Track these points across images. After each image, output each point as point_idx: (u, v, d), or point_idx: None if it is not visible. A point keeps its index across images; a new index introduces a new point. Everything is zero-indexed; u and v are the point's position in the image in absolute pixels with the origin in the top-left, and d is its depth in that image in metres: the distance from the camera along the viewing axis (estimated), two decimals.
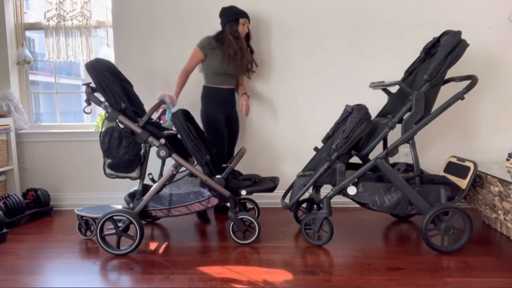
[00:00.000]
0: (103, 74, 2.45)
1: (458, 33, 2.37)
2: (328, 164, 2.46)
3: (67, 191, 3.65)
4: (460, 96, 2.38)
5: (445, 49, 2.33)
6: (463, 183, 2.45)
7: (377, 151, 2.50)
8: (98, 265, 2.30)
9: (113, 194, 3.53)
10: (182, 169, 2.58)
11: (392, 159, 2.67)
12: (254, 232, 2.57)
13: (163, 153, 2.50)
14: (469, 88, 2.37)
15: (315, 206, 2.82)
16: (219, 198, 2.53)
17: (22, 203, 3.16)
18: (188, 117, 2.64)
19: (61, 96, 3.86)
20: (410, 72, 2.72)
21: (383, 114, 2.77)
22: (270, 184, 2.63)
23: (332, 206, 2.51)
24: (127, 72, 2.83)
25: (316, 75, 3.36)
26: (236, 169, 2.83)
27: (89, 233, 2.77)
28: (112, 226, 2.47)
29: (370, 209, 2.46)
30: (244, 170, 3.15)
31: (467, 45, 2.34)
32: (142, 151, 2.56)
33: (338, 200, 3.19)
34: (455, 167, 2.63)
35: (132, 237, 2.44)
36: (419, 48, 2.73)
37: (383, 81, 2.75)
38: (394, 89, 2.80)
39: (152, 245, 2.60)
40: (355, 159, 2.68)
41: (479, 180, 2.65)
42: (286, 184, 2.97)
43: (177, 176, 2.72)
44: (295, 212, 2.94)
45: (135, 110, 2.59)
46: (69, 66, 4.36)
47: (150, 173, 2.78)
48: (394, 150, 2.45)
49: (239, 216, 2.57)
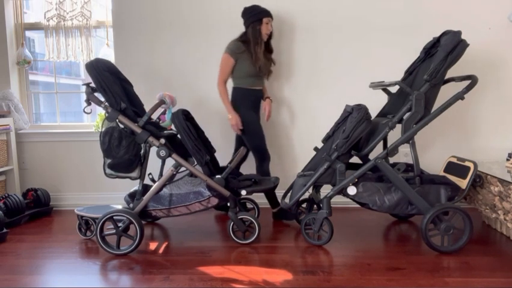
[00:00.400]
0: (103, 74, 2.45)
1: (458, 33, 2.37)
2: (328, 164, 2.46)
3: (67, 191, 3.65)
4: (460, 96, 2.38)
5: (445, 49, 2.33)
6: (463, 183, 2.45)
7: (377, 151, 2.50)
8: (98, 265, 2.30)
9: (113, 194, 3.53)
10: (183, 169, 2.58)
11: (392, 159, 2.67)
12: (254, 232, 2.57)
13: (163, 153, 2.50)
14: (469, 88, 2.37)
15: (315, 206, 2.82)
16: (219, 198, 2.53)
17: (22, 203, 3.16)
18: (188, 117, 2.64)
19: (61, 96, 3.86)
20: (410, 72, 2.72)
21: (383, 114, 2.77)
22: (270, 184, 2.64)
23: (332, 206, 2.51)
24: (127, 72, 2.83)
25: (319, 75, 3.36)
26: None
27: (89, 233, 2.77)
28: (112, 226, 2.47)
29: (370, 209, 2.46)
30: (244, 170, 3.15)
31: (467, 45, 2.34)
32: (142, 151, 2.56)
33: (338, 200, 3.19)
34: (455, 167, 2.62)
35: (132, 237, 2.44)
36: (419, 48, 2.73)
37: (383, 81, 2.75)
38: (394, 89, 2.80)
39: (152, 245, 2.60)
40: (355, 159, 2.68)
41: (479, 180, 2.65)
42: (286, 184, 2.97)
43: (177, 176, 2.72)
44: (295, 212, 2.94)
45: (135, 110, 2.59)
46: (69, 66, 4.36)
47: (150, 173, 2.78)
48: (394, 150, 2.45)
49: (239, 216, 2.57)
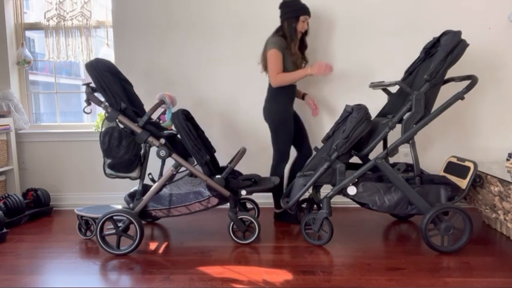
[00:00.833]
0: (103, 74, 2.45)
1: (458, 33, 2.37)
2: (328, 164, 2.46)
3: (67, 191, 3.65)
4: (460, 96, 2.38)
5: (445, 49, 2.33)
6: (463, 183, 2.45)
7: (377, 151, 2.50)
8: (98, 265, 2.30)
9: (113, 194, 3.53)
10: (183, 169, 2.58)
11: (392, 159, 2.67)
12: (254, 232, 2.57)
13: (163, 153, 2.50)
14: (468, 88, 2.37)
15: (315, 206, 2.82)
16: (219, 198, 2.53)
17: (22, 203, 3.16)
18: (188, 117, 2.64)
19: (61, 96, 3.86)
20: (410, 72, 2.72)
21: (383, 114, 2.77)
22: (270, 184, 2.63)
23: (332, 206, 2.51)
24: (127, 72, 2.83)
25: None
26: (236, 169, 2.83)
27: (89, 233, 2.77)
28: (112, 226, 2.47)
29: (370, 209, 2.46)
30: (244, 170, 3.14)
31: (467, 45, 2.34)
32: (142, 151, 2.56)
33: (338, 200, 3.19)
34: (455, 167, 2.62)
35: (132, 237, 2.44)
36: (419, 48, 2.73)
37: (383, 81, 2.75)
38: (394, 89, 2.80)
39: (152, 245, 2.60)
40: (355, 159, 2.68)
41: (479, 180, 2.65)
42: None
43: (177, 176, 2.72)
44: (296, 212, 2.94)
45: (135, 110, 2.59)
46: (69, 66, 4.36)
47: (150, 173, 2.78)
48: (394, 150, 2.45)
49: (239, 216, 2.57)
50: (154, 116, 2.82)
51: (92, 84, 2.49)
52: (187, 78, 3.45)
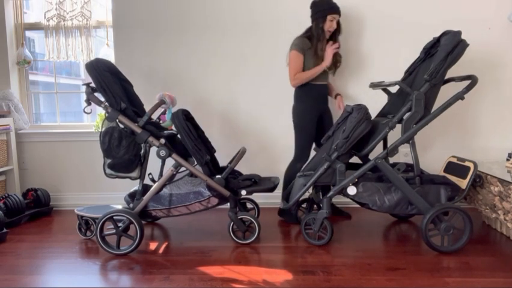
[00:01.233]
0: (103, 74, 2.45)
1: (458, 33, 2.37)
2: (328, 164, 2.46)
3: (67, 191, 3.65)
4: (460, 96, 2.38)
5: (445, 49, 2.33)
6: (463, 183, 2.45)
7: (377, 151, 2.50)
8: (98, 265, 2.30)
9: (113, 194, 3.53)
10: (183, 169, 2.58)
11: (392, 159, 2.67)
12: (254, 232, 2.57)
13: (163, 153, 2.50)
14: (468, 88, 2.37)
15: (315, 206, 2.82)
16: (219, 198, 2.53)
17: (22, 203, 3.16)
18: (188, 117, 2.64)
19: (61, 96, 3.86)
20: (410, 72, 2.72)
21: (383, 114, 2.77)
22: (270, 184, 2.63)
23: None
24: (127, 72, 2.83)
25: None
26: (236, 169, 2.83)
27: (89, 233, 2.77)
28: (112, 226, 2.47)
29: (370, 209, 2.46)
30: (244, 170, 3.15)
31: (467, 45, 2.34)
32: (142, 151, 2.56)
33: (338, 200, 3.19)
34: (455, 167, 2.62)
35: (132, 237, 2.44)
36: (419, 48, 2.73)
37: (383, 81, 2.75)
38: (394, 89, 2.80)
39: (152, 245, 2.60)
40: (355, 159, 2.68)
41: (479, 180, 2.65)
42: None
43: (177, 176, 2.72)
44: (295, 212, 2.94)
45: (135, 110, 2.59)
46: (69, 66, 4.36)
47: (150, 173, 2.78)
48: (394, 150, 2.45)
49: (239, 216, 2.57)
50: (154, 116, 2.82)
51: (92, 84, 2.49)
52: (187, 78, 3.46)
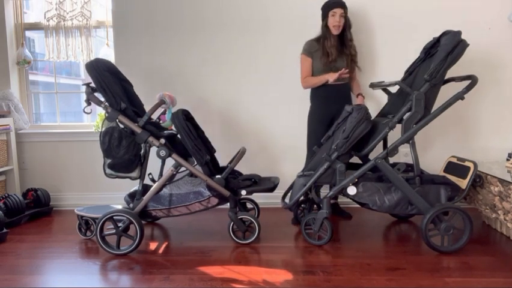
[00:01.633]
0: (103, 74, 2.45)
1: (458, 33, 2.37)
2: (328, 164, 2.46)
3: (67, 191, 3.65)
4: (460, 96, 2.38)
5: (445, 49, 2.33)
6: (463, 183, 2.45)
7: (377, 151, 2.50)
8: (98, 265, 2.30)
9: (113, 194, 3.53)
10: (183, 169, 2.58)
11: (392, 159, 2.67)
12: (254, 232, 2.57)
13: (163, 153, 2.50)
14: (468, 88, 2.37)
15: (315, 206, 2.82)
16: (219, 198, 2.53)
17: (22, 203, 3.16)
18: (188, 117, 2.64)
19: (61, 96, 3.86)
20: (410, 72, 2.72)
21: (383, 114, 2.77)
22: (270, 184, 2.63)
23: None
24: (127, 72, 2.83)
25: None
26: (236, 169, 2.83)
27: (89, 233, 2.77)
28: (112, 226, 2.47)
29: (370, 209, 2.46)
30: (244, 170, 3.14)
31: (467, 45, 2.34)
32: (142, 151, 2.56)
33: (338, 200, 3.19)
34: (455, 167, 2.62)
35: (132, 237, 2.44)
36: (419, 48, 2.73)
37: (383, 81, 2.75)
38: (394, 89, 2.80)
39: (152, 245, 2.60)
40: (355, 159, 2.68)
41: (479, 180, 2.65)
42: (286, 184, 2.97)
43: (177, 176, 2.72)
44: (296, 212, 2.94)
45: (135, 110, 2.59)
46: (69, 66, 4.36)
47: (150, 173, 2.78)
48: (394, 150, 2.45)
49: (239, 216, 2.57)
50: (154, 116, 2.82)
51: (92, 84, 2.49)
52: (187, 78, 3.45)
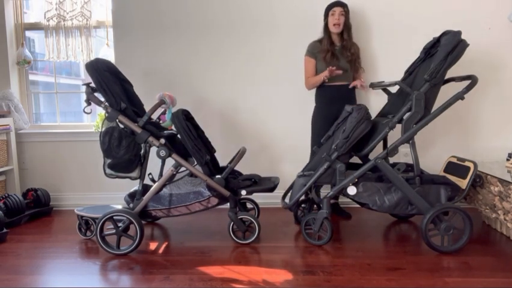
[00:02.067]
0: (103, 74, 2.45)
1: (458, 33, 2.37)
2: (328, 164, 2.46)
3: (67, 191, 3.65)
4: (460, 96, 2.38)
5: (445, 49, 2.33)
6: (463, 183, 2.45)
7: (377, 151, 2.50)
8: (98, 265, 2.30)
9: (113, 194, 3.52)
10: (183, 169, 2.58)
11: (392, 159, 2.67)
12: (254, 232, 2.57)
13: (163, 153, 2.50)
14: (469, 88, 2.37)
15: (315, 206, 2.82)
16: (219, 198, 2.53)
17: (22, 203, 3.16)
18: (188, 117, 2.64)
19: (61, 96, 3.86)
20: (410, 72, 2.72)
21: (383, 114, 2.77)
22: (270, 184, 2.63)
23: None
24: (127, 72, 2.83)
25: None
26: (236, 169, 2.83)
27: (89, 233, 2.77)
28: (112, 226, 2.47)
29: (370, 209, 2.46)
30: (244, 170, 3.14)
31: (467, 45, 2.34)
32: (142, 151, 2.56)
33: (338, 200, 3.19)
34: (455, 167, 2.62)
35: (132, 237, 2.44)
36: (419, 49, 2.73)
37: (383, 81, 2.75)
38: (394, 89, 2.80)
39: (152, 245, 2.60)
40: (355, 159, 2.68)
41: (479, 180, 2.65)
42: (286, 184, 2.97)
43: (177, 176, 2.72)
44: (296, 212, 2.94)
45: (135, 110, 2.59)
46: (69, 66, 4.36)
47: (150, 173, 2.78)
48: (394, 150, 2.45)
49: (239, 216, 2.57)
50: (154, 116, 2.82)
51: (92, 84, 2.49)
52: (187, 78, 3.45)
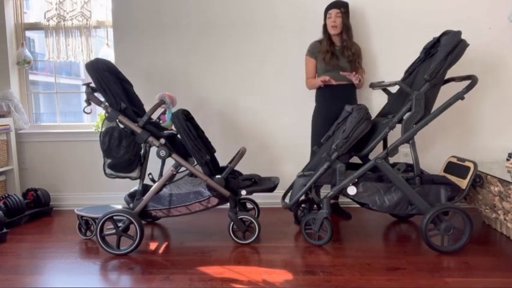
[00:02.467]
0: (103, 74, 2.45)
1: (458, 33, 2.37)
2: (328, 164, 2.46)
3: (67, 191, 3.65)
4: (460, 96, 2.38)
5: (445, 49, 2.33)
6: (463, 183, 2.45)
7: (377, 151, 2.50)
8: (98, 265, 2.30)
9: (114, 194, 3.52)
10: (183, 169, 2.58)
11: (392, 159, 2.67)
12: (254, 232, 2.57)
13: (163, 153, 2.50)
14: (469, 88, 2.37)
15: (315, 206, 2.82)
16: (219, 198, 2.53)
17: (22, 203, 3.16)
18: (188, 117, 2.64)
19: (61, 96, 3.86)
20: (410, 72, 2.72)
21: (383, 114, 2.77)
22: (270, 184, 2.63)
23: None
24: (127, 72, 2.83)
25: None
26: (236, 169, 2.83)
27: (89, 233, 2.77)
28: (112, 226, 2.47)
29: (370, 209, 2.46)
30: (244, 170, 3.14)
31: (467, 45, 2.34)
32: (142, 151, 2.56)
33: (338, 200, 3.19)
34: (455, 167, 2.62)
35: (132, 237, 2.44)
36: (419, 49, 2.73)
37: (383, 81, 2.75)
38: (394, 89, 2.80)
39: (152, 245, 2.60)
40: (355, 159, 2.68)
41: (479, 180, 2.65)
42: (286, 184, 2.97)
43: (177, 176, 2.72)
44: (296, 212, 2.94)
45: (135, 110, 2.59)
46: (69, 66, 4.36)
47: (150, 173, 2.78)
48: (394, 150, 2.45)
49: (239, 216, 2.57)
50: (154, 116, 2.82)
51: (92, 84, 2.49)
52: (187, 78, 3.45)
